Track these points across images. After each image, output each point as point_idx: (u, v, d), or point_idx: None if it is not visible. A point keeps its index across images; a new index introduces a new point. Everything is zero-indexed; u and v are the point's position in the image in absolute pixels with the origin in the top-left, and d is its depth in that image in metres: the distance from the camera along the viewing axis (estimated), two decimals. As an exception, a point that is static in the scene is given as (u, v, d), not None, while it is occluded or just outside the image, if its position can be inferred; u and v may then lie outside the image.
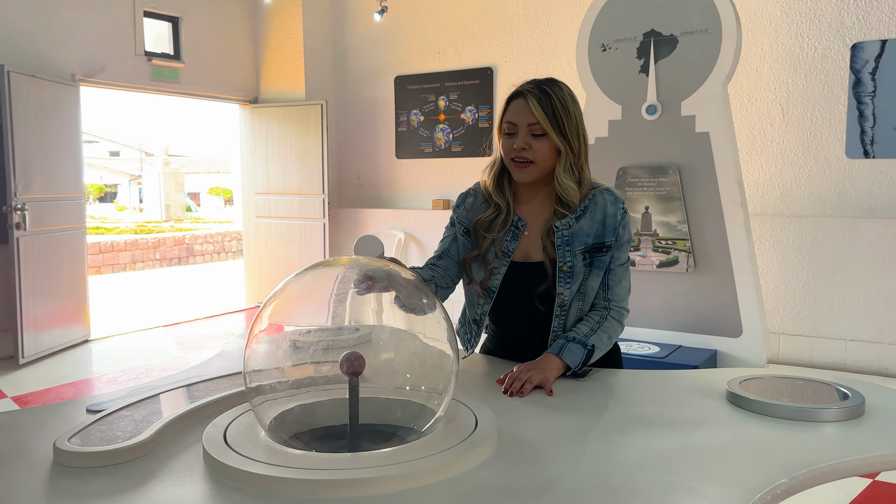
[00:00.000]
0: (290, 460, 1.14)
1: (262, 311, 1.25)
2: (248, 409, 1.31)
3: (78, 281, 5.63)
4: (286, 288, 1.26)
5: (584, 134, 1.70)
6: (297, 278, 1.28)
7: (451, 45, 6.40)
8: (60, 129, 5.36)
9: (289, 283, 1.27)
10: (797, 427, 1.34)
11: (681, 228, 4.91)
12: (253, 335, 1.23)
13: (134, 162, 34.34)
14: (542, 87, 1.64)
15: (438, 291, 1.75)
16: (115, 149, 36.71)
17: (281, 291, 1.26)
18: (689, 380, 1.64)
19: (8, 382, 4.67)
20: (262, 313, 1.25)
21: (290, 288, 1.26)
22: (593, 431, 1.32)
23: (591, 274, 1.69)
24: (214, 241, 12.80)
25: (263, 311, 1.25)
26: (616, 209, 1.69)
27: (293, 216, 6.80)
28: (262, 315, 1.25)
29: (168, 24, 6.37)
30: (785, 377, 1.58)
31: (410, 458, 1.14)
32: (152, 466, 1.19)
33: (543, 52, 5.97)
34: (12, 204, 4.87)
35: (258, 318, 1.25)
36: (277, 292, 1.26)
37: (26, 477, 1.16)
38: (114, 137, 36.42)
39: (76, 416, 1.46)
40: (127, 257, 11.68)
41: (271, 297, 1.25)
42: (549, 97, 1.63)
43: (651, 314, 5.09)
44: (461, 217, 1.80)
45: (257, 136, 6.99)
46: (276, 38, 6.92)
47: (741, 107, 5.21)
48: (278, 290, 1.26)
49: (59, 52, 5.48)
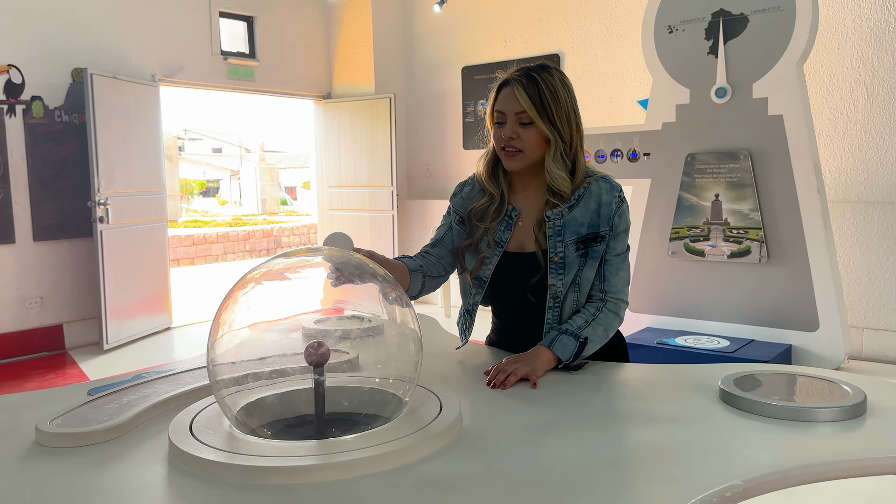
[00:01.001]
0: (239, 447, 1.16)
1: (226, 302, 1.27)
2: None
3: (160, 272, 5.93)
4: (249, 278, 1.28)
5: (578, 122, 1.64)
6: (260, 269, 1.29)
7: (518, 32, 6.33)
8: (141, 128, 5.64)
9: (252, 274, 1.29)
10: (785, 427, 1.25)
11: (753, 217, 4.68)
12: (217, 326, 1.26)
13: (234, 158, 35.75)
14: (530, 74, 1.59)
15: (427, 280, 1.73)
16: (218, 146, 38.30)
17: (243, 282, 1.28)
18: (688, 375, 1.56)
19: (92, 367, 4.98)
20: (225, 304, 1.27)
21: (252, 278, 1.28)
22: (561, 426, 1.28)
23: (585, 265, 1.63)
24: (301, 233, 13.20)
25: (227, 301, 1.27)
26: (611, 197, 1.62)
27: (364, 208, 6.92)
28: (226, 306, 1.27)
29: (243, 23, 6.59)
30: (788, 374, 1.47)
31: (355, 447, 1.13)
32: (122, 448, 1.23)
33: (611, 36, 5.81)
34: (96, 199, 5.18)
35: (222, 309, 1.27)
36: (240, 283, 1.28)
37: (5, 455, 1.22)
38: (216, 135, 38.09)
39: (81, 400, 1.53)
40: (219, 249, 12.22)
41: (234, 288, 1.28)
42: (536, 84, 1.58)
43: (721, 307, 4.88)
44: (457, 206, 1.78)
45: (330, 131, 7.14)
46: (346, 34, 7.04)
47: (821, 87, 4.90)
48: (241, 280, 1.28)
49: (139, 53, 5.77)
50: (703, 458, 1.13)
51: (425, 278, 1.72)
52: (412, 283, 1.69)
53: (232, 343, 1.26)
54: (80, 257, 5.46)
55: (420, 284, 1.71)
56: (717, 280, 4.88)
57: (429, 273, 1.73)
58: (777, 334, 4.63)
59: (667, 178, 4.98)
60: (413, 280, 1.69)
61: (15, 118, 5.11)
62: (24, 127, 5.16)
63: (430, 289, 1.75)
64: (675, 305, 5.04)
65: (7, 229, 5.11)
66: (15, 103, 5.11)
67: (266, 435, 1.25)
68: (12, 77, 5.09)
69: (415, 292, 1.71)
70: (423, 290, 1.73)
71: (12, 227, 5.14)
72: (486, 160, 1.71)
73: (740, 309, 4.79)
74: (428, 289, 1.75)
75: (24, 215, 5.19)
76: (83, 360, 5.13)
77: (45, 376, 4.76)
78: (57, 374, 4.81)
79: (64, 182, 5.34)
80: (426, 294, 1.77)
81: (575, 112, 1.62)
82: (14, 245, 5.16)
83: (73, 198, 5.35)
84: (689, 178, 4.88)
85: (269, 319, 1.32)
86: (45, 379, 4.70)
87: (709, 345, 4.64)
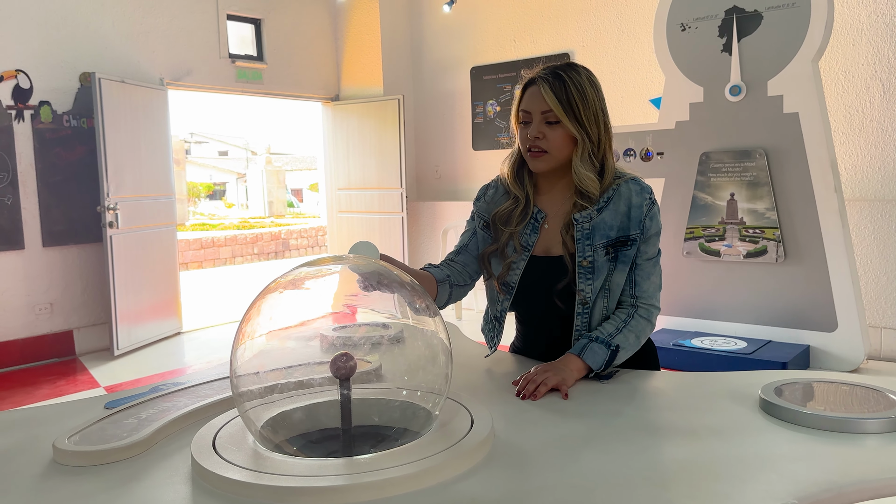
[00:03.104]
0: (266, 465, 1.11)
1: (249, 313, 1.23)
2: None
3: (170, 276, 5.90)
4: (272, 288, 1.24)
5: (606, 121, 1.59)
6: (283, 278, 1.25)
7: (527, 31, 6.28)
8: (150, 132, 5.61)
9: (275, 283, 1.24)
10: (833, 439, 1.19)
11: (769, 216, 4.62)
12: (240, 337, 1.21)
13: (241, 161, 35.79)
14: (557, 73, 1.54)
15: (454, 290, 1.68)
16: (224, 149, 38.36)
17: (267, 292, 1.24)
18: (724, 383, 1.51)
19: (102, 373, 4.95)
20: (248, 315, 1.23)
21: (275, 288, 1.24)
22: (596, 439, 1.23)
23: (615, 269, 1.58)
24: (308, 235, 13.17)
25: (250, 312, 1.23)
26: (642, 199, 1.57)
27: (373, 210, 6.88)
28: (249, 317, 1.23)
29: (251, 26, 6.56)
30: (830, 382, 1.42)
31: (384, 465, 1.09)
32: (143, 466, 1.19)
33: (622, 35, 5.76)
34: (105, 204, 5.15)
35: (245, 320, 1.23)
36: (264, 292, 1.24)
37: (23, 475, 1.18)
38: (222, 138, 38.15)
39: (98, 414, 1.49)
40: (227, 252, 12.20)
41: (258, 298, 1.23)
42: (562, 83, 1.53)
43: (738, 307, 4.82)
44: (481, 210, 1.73)
45: (338, 133, 7.10)
46: (354, 35, 7.00)
47: (836, 84, 4.84)
48: (265, 290, 1.24)
49: (147, 57, 5.74)
50: (750, 474, 1.08)
51: (452, 288, 1.68)
52: (439, 294, 1.65)
53: (256, 355, 1.21)
54: (90, 263, 5.44)
55: (447, 294, 1.67)
56: (734, 280, 4.82)
57: (456, 282, 1.69)
58: (795, 335, 4.57)
59: (681, 178, 4.92)
60: (440, 290, 1.65)
61: (23, 123, 5.09)
62: (33, 132, 5.14)
63: (456, 298, 1.71)
64: (691, 306, 4.99)
65: (16, 235, 5.09)
66: (23, 108, 5.09)
67: (291, 451, 1.21)
68: (20, 82, 5.06)
69: (441, 302, 1.67)
70: (449, 300, 1.69)
71: (21, 233, 5.11)
72: (511, 161, 1.67)
73: (757, 310, 4.73)
74: (455, 298, 1.71)
75: (32, 221, 5.16)
76: (94, 367, 5.10)
77: (55, 383, 4.73)
78: (68, 381, 4.78)
79: (73, 187, 5.32)
80: (452, 303, 1.72)
81: (603, 111, 1.57)
82: (23, 251, 5.13)
83: (81, 203, 5.33)
84: (703, 177, 4.82)
85: (291, 329, 1.27)
86: (56, 386, 4.67)
87: (725, 346, 4.58)
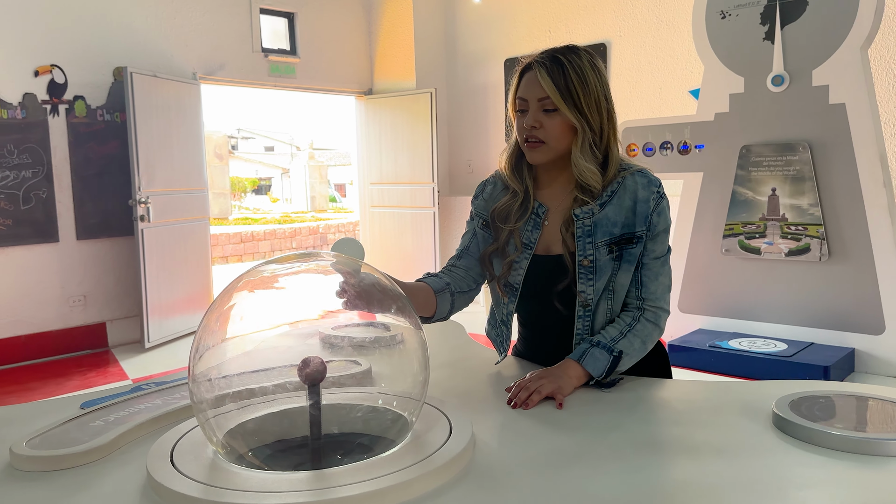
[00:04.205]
0: (220, 479, 1.03)
1: (211, 314, 1.15)
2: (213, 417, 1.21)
3: (202, 270, 5.91)
4: (233, 287, 1.16)
5: (609, 109, 1.46)
6: (244, 278, 1.17)
7: (562, 21, 6.11)
8: (182, 126, 5.63)
9: (237, 283, 1.16)
10: (854, 462, 1.06)
11: (813, 212, 4.39)
12: (199, 339, 1.13)
13: (286, 156, 36.20)
14: (555, 57, 1.42)
15: (457, 298, 1.56)
16: (270, 144, 38.86)
17: (227, 292, 1.16)
18: (738, 393, 1.38)
19: (133, 365, 4.98)
20: (210, 315, 1.15)
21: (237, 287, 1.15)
22: (586, 455, 1.12)
23: (619, 269, 1.46)
24: (346, 230, 13.19)
25: (212, 313, 1.15)
26: (649, 193, 1.44)
27: (405, 205, 6.80)
28: (211, 318, 1.14)
29: (284, 19, 6.53)
30: (855, 395, 1.28)
31: (346, 481, 1.00)
32: (99, 474, 1.12)
33: (661, 24, 5.56)
34: (136, 197, 5.18)
35: (207, 320, 1.15)
36: (224, 293, 1.15)
37: (-24, 479, 1.13)
38: (268, 133, 38.66)
39: (70, 414, 1.43)
40: (266, 246, 12.28)
41: (218, 299, 1.15)
42: (561, 67, 1.41)
43: (779, 308, 4.61)
44: (479, 208, 1.62)
45: (371, 127, 7.05)
46: (387, 28, 6.93)
47: (886, 73, 4.58)
48: (225, 290, 1.16)
49: (180, 52, 5.76)
50: (755, 500, 0.96)
51: (454, 296, 1.55)
52: (439, 305, 1.53)
53: (215, 359, 1.13)
54: (123, 256, 5.48)
55: (449, 304, 1.55)
56: (774, 280, 4.61)
57: (457, 289, 1.57)
58: (839, 337, 4.35)
59: (720, 172, 4.73)
60: (440, 301, 1.53)
61: (58, 118, 5.14)
62: (67, 126, 5.19)
63: (461, 306, 1.59)
64: (729, 306, 4.79)
65: (51, 228, 5.15)
66: (58, 103, 5.14)
67: (254, 462, 1.13)
68: (55, 77, 5.12)
69: (444, 313, 1.55)
70: (453, 309, 1.57)
71: (56, 226, 5.17)
72: (509, 153, 1.55)
73: (799, 310, 4.52)
74: (459, 306, 1.59)
75: (67, 214, 5.22)
76: (124, 359, 5.14)
77: (86, 375, 4.77)
78: (98, 373, 4.82)
79: (106, 181, 5.36)
80: (457, 311, 1.62)
81: (606, 98, 1.45)
82: (57, 244, 5.20)
83: (115, 196, 5.37)
84: (743, 171, 4.62)
85: (257, 330, 1.19)
86: (86, 377, 4.71)
87: (765, 348, 4.38)
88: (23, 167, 4.99)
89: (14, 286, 5.02)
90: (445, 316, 1.58)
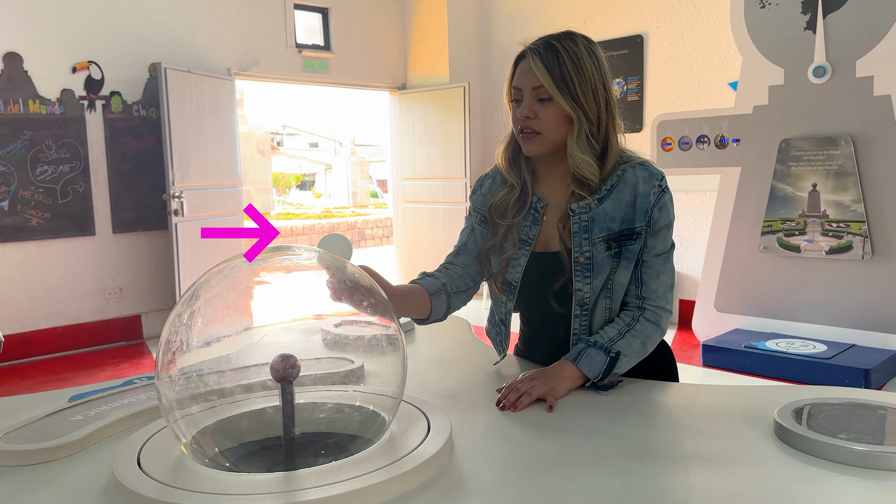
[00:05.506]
0: (181, 480, 1.00)
1: (178, 311, 1.11)
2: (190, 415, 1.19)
3: (235, 264, 5.96)
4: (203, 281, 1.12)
5: (608, 98, 1.38)
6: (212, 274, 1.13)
7: (598, 13, 5.99)
8: (216, 121, 5.68)
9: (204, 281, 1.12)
10: (859, 476, 0.98)
11: (855, 209, 4.21)
12: (167, 339, 1.10)
13: (329, 152, 36.52)
14: (550, 43, 1.36)
15: (453, 298, 1.50)
16: (314, 140, 39.27)
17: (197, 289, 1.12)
18: (742, 399, 1.30)
19: (164, 358, 5.04)
20: (178, 313, 1.11)
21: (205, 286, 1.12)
22: (566, 462, 1.06)
23: (618, 267, 1.38)
24: (384, 225, 13.23)
25: (179, 311, 1.11)
26: (650, 187, 1.37)
27: (437, 201, 6.76)
28: (177, 316, 1.11)
29: (318, 15, 6.54)
30: (865, 403, 1.19)
31: (313, 483, 0.96)
32: (67, 470, 1.10)
33: (699, 15, 5.40)
34: (170, 192, 5.24)
35: (172, 320, 1.12)
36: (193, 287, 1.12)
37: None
38: (312, 130, 39.09)
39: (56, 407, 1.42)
40: (305, 241, 12.38)
41: (187, 293, 1.12)
42: (555, 54, 1.34)
43: (819, 307, 4.44)
44: (477, 203, 1.55)
45: (404, 122, 7.02)
46: (421, 22, 6.89)
47: (938, 62, 4.36)
48: (195, 284, 1.13)
49: (214, 47, 5.81)
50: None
51: (450, 296, 1.49)
52: (434, 307, 1.47)
53: (185, 357, 1.10)
54: (158, 249, 5.56)
55: (445, 305, 1.49)
56: (815, 278, 4.44)
57: (454, 289, 1.50)
58: (881, 339, 4.17)
59: (758, 167, 4.57)
60: (435, 303, 1.47)
61: (95, 113, 5.24)
62: (104, 122, 5.28)
63: (458, 305, 1.53)
64: (767, 306, 4.63)
65: (87, 222, 5.25)
66: (95, 99, 5.23)
67: (222, 463, 1.09)
68: (92, 73, 5.21)
69: (440, 314, 1.49)
70: (449, 310, 1.51)
71: (92, 220, 5.27)
72: (505, 145, 1.49)
73: (840, 310, 4.34)
74: (455, 306, 1.53)
75: (103, 208, 5.31)
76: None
77: (119, 366, 4.85)
78: (131, 364, 4.90)
79: (142, 175, 5.44)
80: (455, 311, 1.56)
81: (605, 87, 1.38)
82: (94, 237, 5.29)
83: (150, 191, 5.45)
84: (783, 166, 4.46)
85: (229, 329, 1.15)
86: (119, 369, 4.79)
87: (803, 349, 4.22)
88: (61, 162, 5.09)
89: (52, 279, 5.13)
90: (442, 317, 1.52)
